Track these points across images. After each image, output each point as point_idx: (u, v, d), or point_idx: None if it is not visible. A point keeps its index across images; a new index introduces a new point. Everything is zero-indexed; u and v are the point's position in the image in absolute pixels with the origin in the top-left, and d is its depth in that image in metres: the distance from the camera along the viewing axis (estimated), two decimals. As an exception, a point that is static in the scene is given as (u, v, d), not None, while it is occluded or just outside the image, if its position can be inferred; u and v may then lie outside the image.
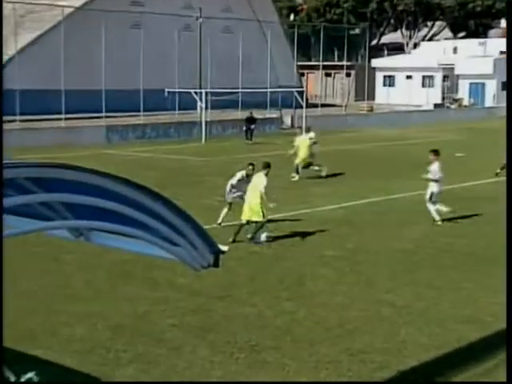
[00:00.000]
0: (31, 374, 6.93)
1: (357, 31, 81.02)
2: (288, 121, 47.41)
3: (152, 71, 48.29)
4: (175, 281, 12.19)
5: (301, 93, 48.48)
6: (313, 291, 12.06)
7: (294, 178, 24.43)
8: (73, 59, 45.50)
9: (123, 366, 8.96)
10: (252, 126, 37.70)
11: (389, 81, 74.62)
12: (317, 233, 16.25)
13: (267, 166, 15.83)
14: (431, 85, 71.72)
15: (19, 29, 43.24)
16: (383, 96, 71.39)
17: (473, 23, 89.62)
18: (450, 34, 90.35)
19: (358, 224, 17.47)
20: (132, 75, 46.97)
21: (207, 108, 40.55)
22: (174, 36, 48.95)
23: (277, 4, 70.19)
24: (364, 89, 63.20)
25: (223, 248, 5.06)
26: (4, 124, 24.39)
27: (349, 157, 31.88)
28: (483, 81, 67.83)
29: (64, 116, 40.23)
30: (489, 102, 66.88)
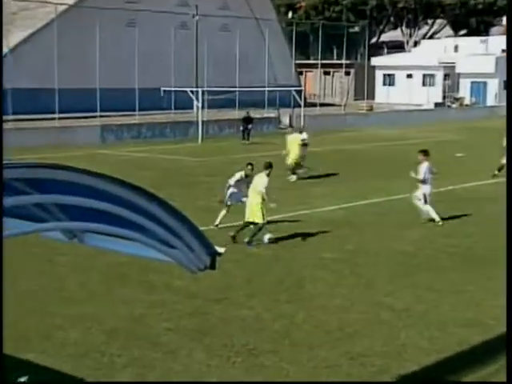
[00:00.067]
0: (24, 379, 6.93)
1: (356, 29, 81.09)
2: (286, 120, 47.42)
3: (147, 70, 48.29)
4: (171, 283, 12.19)
5: (299, 92, 48.52)
6: (312, 294, 12.06)
7: (292, 179, 24.45)
8: (66, 57, 45.51)
9: (118, 371, 8.95)
10: (249, 126, 37.71)
11: (389, 79, 74.67)
12: (316, 234, 16.26)
13: (269, 166, 15.83)
14: (432, 84, 71.77)
15: (11, 26, 43.25)
16: (383, 95, 71.43)
17: (474, 21, 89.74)
18: (451, 32, 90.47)
19: (358, 225, 17.49)
20: (127, 74, 46.98)
21: (204, 107, 40.56)
22: (170, 34, 48.94)
23: (275, 1, 70.19)
24: (363, 88, 63.25)
25: (220, 250, 5.05)
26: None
27: (348, 157, 31.92)
28: (485, 79, 67.91)
29: (58, 115, 40.19)
30: (490, 101, 66.96)
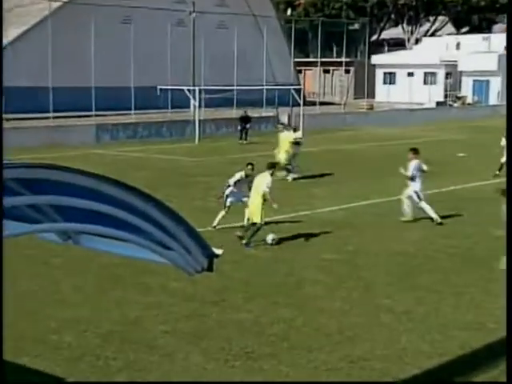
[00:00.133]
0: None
1: (356, 26, 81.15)
2: (285, 119, 47.43)
3: (143, 68, 48.34)
4: (168, 285, 12.20)
5: (298, 90, 48.53)
6: (311, 296, 12.07)
7: (288, 179, 24.36)
8: (61, 55, 45.51)
9: (113, 374, 8.96)
10: (247, 126, 37.74)
11: (389, 78, 74.69)
12: (316, 235, 16.26)
13: (272, 167, 15.85)
14: (433, 82, 71.81)
15: (5, 24, 43.17)
16: (383, 94, 71.49)
17: (476, 18, 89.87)
18: (453, 29, 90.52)
19: (358, 226, 17.51)
20: (123, 72, 46.99)
21: (201, 106, 40.54)
22: (167, 31, 48.98)
23: (273, -2, 70.22)
24: (363, 86, 63.33)
25: (217, 251, 5.06)
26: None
27: (348, 157, 31.94)
28: (487, 78, 67.93)
29: (52, 114, 40.22)
30: (493, 100, 66.99)
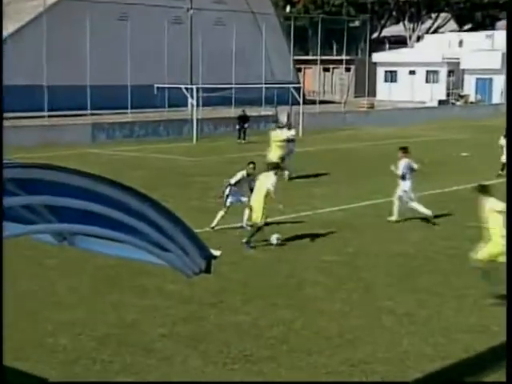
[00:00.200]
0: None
1: (357, 23, 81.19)
2: (284, 118, 47.44)
3: (140, 66, 48.29)
4: (164, 287, 12.19)
5: (297, 89, 48.54)
6: (311, 298, 12.07)
7: (284, 177, 24.31)
8: (56, 53, 45.47)
9: (110, 378, 8.95)
10: (245, 125, 37.76)
11: (390, 76, 74.73)
12: (316, 236, 16.27)
13: (277, 167, 15.86)
14: (435, 80, 71.85)
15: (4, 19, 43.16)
16: (384, 92, 71.52)
17: (479, 15, 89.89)
18: (456, 27, 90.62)
19: (358, 227, 17.53)
20: (119, 70, 46.98)
21: (198, 105, 40.57)
22: (164, 28, 48.96)
23: (272, -5, 70.26)
24: (364, 85, 63.31)
25: (215, 253, 5.06)
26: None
27: (348, 156, 31.95)
28: (490, 76, 67.98)
29: (47, 113, 40.18)
30: (496, 99, 67.01)
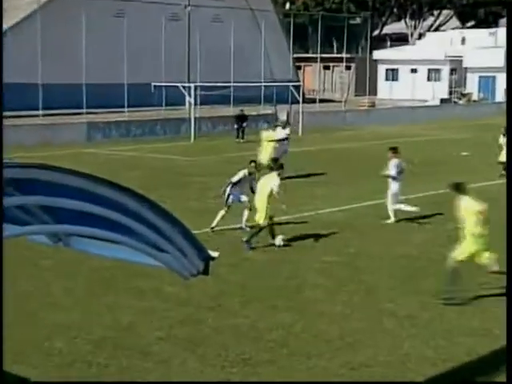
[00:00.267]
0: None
1: (357, 21, 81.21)
2: (283, 117, 47.45)
3: (137, 64, 48.31)
4: (162, 289, 12.18)
5: (297, 87, 48.51)
6: (311, 300, 12.06)
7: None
8: (51, 51, 45.48)
9: (106, 381, 8.95)
10: (243, 124, 37.76)
11: (392, 74, 74.77)
12: (317, 237, 16.26)
13: (280, 167, 15.82)
14: (437, 78, 71.90)
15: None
16: (386, 91, 71.57)
17: (482, 12, 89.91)
18: (458, 24, 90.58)
19: (359, 227, 17.53)
20: (115, 68, 46.98)
21: (196, 103, 40.55)
22: (161, 25, 48.96)
23: (271, -9, 70.28)
24: (365, 83, 63.33)
25: (213, 254, 5.06)
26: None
27: (348, 156, 31.96)
28: (494, 74, 67.98)
29: (41, 112, 40.17)
30: (499, 97, 66.98)
